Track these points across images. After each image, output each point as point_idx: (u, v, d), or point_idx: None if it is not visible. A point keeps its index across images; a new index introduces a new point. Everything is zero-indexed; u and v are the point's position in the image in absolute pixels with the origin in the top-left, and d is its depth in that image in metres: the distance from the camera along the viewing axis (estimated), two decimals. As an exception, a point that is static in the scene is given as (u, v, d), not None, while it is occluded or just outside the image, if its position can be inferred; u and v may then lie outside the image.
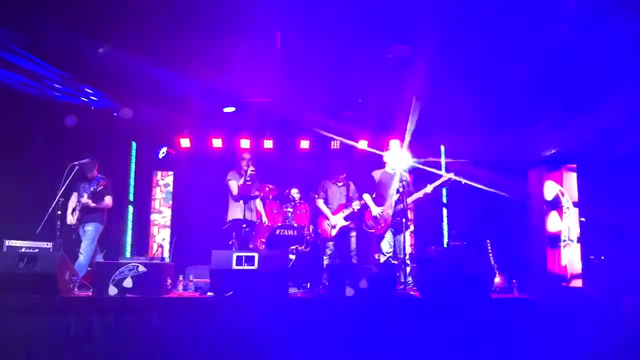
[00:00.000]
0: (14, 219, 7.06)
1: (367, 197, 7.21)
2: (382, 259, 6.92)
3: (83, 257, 7.02)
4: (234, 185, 7.73)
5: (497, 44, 7.10)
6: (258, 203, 8.09)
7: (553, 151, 9.03)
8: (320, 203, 7.73)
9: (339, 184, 7.72)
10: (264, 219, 8.18)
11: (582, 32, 6.22)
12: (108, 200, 7.31)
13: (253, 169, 7.61)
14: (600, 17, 5.76)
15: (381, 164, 8.04)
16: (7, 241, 7.90)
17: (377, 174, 7.27)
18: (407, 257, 6.91)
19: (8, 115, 8.34)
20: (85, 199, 7.11)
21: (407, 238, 6.93)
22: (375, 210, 7.06)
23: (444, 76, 7.97)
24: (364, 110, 9.04)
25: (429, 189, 6.84)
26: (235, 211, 7.67)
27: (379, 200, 7.12)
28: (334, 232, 7.56)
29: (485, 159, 9.59)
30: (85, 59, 6.96)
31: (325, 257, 7.56)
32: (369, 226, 7.11)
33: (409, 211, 7.07)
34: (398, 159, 7.08)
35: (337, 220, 7.57)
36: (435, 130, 10.30)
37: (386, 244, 6.95)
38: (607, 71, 6.06)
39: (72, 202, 7.27)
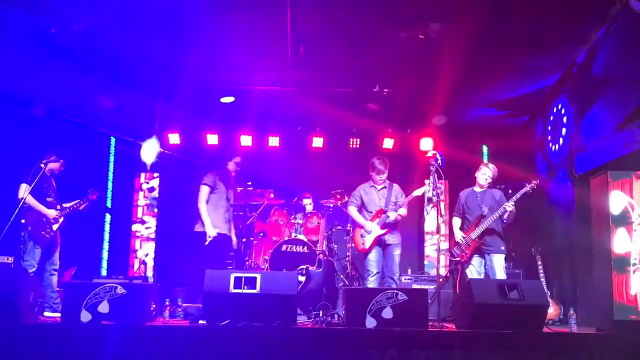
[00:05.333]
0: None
1: (455, 222, 7.51)
2: None
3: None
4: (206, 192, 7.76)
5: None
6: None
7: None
8: (351, 210, 7.60)
9: (379, 187, 7.59)
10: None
11: None
12: None
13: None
14: None
15: (409, 168, 8.06)
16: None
17: (463, 194, 7.53)
18: None
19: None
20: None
21: (499, 262, 7.10)
22: (458, 235, 7.30)
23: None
24: (391, 102, 9.00)
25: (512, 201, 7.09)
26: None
27: (466, 224, 7.38)
28: (368, 244, 7.30)
29: (535, 162, 9.57)
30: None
31: (370, 279, 7.27)
32: (453, 254, 7.33)
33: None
34: (487, 176, 7.34)
35: (373, 228, 7.36)
36: (477, 128, 10.30)
37: (473, 271, 7.17)
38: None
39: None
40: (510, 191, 7.42)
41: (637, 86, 6.65)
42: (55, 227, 7.12)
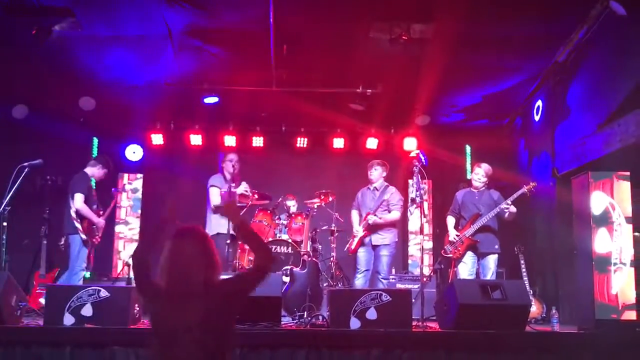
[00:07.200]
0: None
1: (449, 221, 7.54)
2: None
3: None
4: (216, 193, 7.74)
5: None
6: None
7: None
8: (352, 213, 7.91)
9: (371, 187, 7.76)
10: None
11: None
12: None
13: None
14: None
15: (392, 168, 8.07)
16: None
17: (459, 194, 7.59)
18: None
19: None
20: None
21: (492, 262, 7.18)
22: (452, 234, 7.35)
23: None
24: (375, 102, 9.02)
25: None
26: (219, 223, 7.68)
27: (461, 223, 7.47)
28: (353, 245, 7.62)
29: (517, 162, 9.64)
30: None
31: (358, 276, 7.59)
32: (446, 251, 7.39)
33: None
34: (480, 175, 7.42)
35: (358, 230, 7.62)
36: (460, 128, 10.36)
37: (465, 269, 7.21)
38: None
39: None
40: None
41: (618, 86, 6.73)
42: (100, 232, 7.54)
